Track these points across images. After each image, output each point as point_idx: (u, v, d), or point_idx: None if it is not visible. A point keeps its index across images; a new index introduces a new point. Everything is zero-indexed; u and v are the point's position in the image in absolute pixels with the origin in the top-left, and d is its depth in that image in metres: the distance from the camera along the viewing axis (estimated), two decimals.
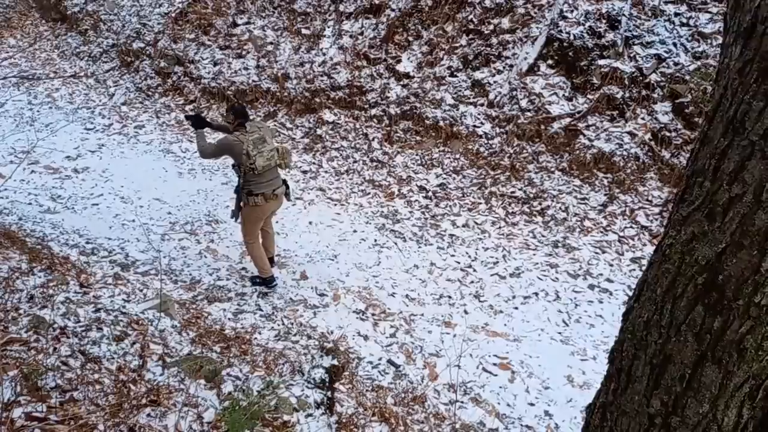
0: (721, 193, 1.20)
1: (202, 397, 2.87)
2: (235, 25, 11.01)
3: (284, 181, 6.15)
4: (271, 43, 10.58)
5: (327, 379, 3.29)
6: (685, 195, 1.31)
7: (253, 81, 10.28)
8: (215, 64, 10.69)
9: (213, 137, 7.86)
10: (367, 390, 5.01)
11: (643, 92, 7.71)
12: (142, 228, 7.31)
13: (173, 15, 11.52)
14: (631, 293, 4.69)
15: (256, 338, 5.25)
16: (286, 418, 2.81)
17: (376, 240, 7.47)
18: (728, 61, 1.21)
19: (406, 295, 6.57)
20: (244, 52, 10.66)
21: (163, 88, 10.97)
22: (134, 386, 2.79)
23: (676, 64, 7.69)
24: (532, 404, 5.35)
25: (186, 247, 7.00)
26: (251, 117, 6.11)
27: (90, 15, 13.12)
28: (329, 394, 3.23)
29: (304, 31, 10.45)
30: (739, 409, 1.23)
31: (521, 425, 5.12)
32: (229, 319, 5.65)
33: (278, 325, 5.78)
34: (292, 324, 5.85)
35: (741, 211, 1.17)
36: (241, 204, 5.95)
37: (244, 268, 6.68)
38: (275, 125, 9.82)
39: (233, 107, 6.00)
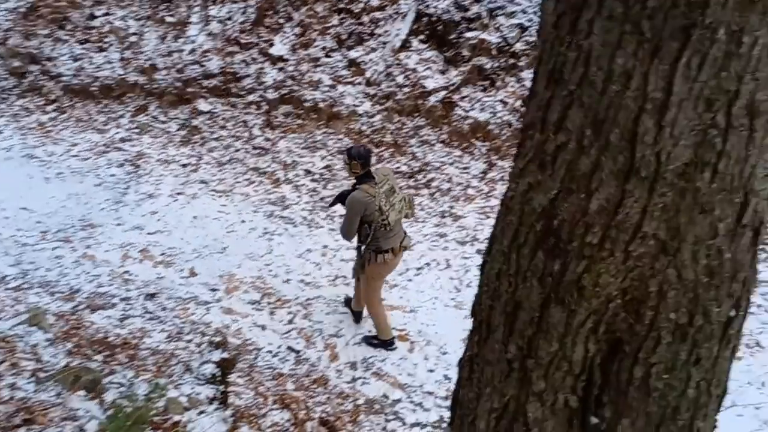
0: (549, 143, 1.27)
1: (83, 409, 2.72)
2: (93, 17, 10.33)
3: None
4: (135, 34, 10.03)
5: (218, 374, 3.21)
6: (521, 149, 1.37)
7: (119, 75, 9.72)
8: (75, 60, 10.00)
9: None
10: (266, 379, 4.95)
11: (511, 61, 8.04)
12: (10, 240, 6.78)
13: (22, 10, 10.64)
14: None
15: (144, 342, 5.03)
16: (176, 418, 2.72)
17: (265, 228, 7.35)
18: (545, 15, 1.27)
19: (302, 280, 6.53)
20: (106, 45, 10.05)
21: (19, 90, 10.13)
22: (3, 407, 2.58)
23: (537, 33, 8.06)
24: (431, 371, 5.51)
25: (61, 256, 6.55)
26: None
27: None
28: (222, 388, 3.16)
29: (168, 19, 9.99)
30: (585, 344, 1.32)
31: (423, 392, 5.27)
32: (114, 326, 5.37)
33: (169, 326, 5.57)
34: (183, 323, 5.65)
35: (567, 158, 1.24)
36: (367, 263, 5.26)
37: (127, 272, 6.36)
38: (147, 119, 9.36)
39: (356, 152, 5.07)
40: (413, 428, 5.00)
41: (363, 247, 5.22)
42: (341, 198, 5.22)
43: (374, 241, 5.11)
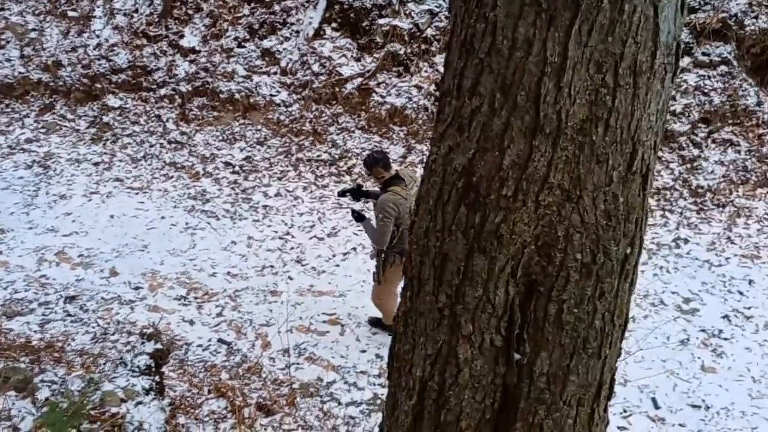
0: (465, 108, 1.40)
1: (15, 408, 2.65)
2: None
3: None
4: (34, 30, 9.54)
5: (153, 365, 3.21)
6: (440, 115, 1.50)
7: (20, 73, 9.24)
8: None
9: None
10: (199, 372, 4.94)
11: (423, 47, 8.26)
12: None
13: None
14: None
15: (70, 345, 4.89)
16: (114, 410, 2.71)
17: (187, 223, 7.24)
18: None
19: (228, 273, 6.50)
20: (3, 42, 9.50)
21: None
22: None
23: (447, 18, 8.30)
24: (363, 351, 5.64)
25: None
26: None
27: None
28: (157, 378, 3.16)
29: (70, 13, 9.57)
30: (505, 288, 1.47)
31: (356, 372, 5.40)
32: (35, 331, 5.19)
33: (93, 327, 5.43)
34: (108, 324, 5.52)
35: (481, 120, 1.38)
36: (388, 265, 5.05)
37: (43, 276, 6.13)
38: (54, 119, 8.96)
39: (373, 158, 4.85)
40: (348, 407, 5.12)
41: (385, 250, 4.98)
42: (356, 215, 5.04)
43: (400, 243, 4.86)
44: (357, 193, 5.34)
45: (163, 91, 8.92)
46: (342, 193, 5.44)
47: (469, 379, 1.54)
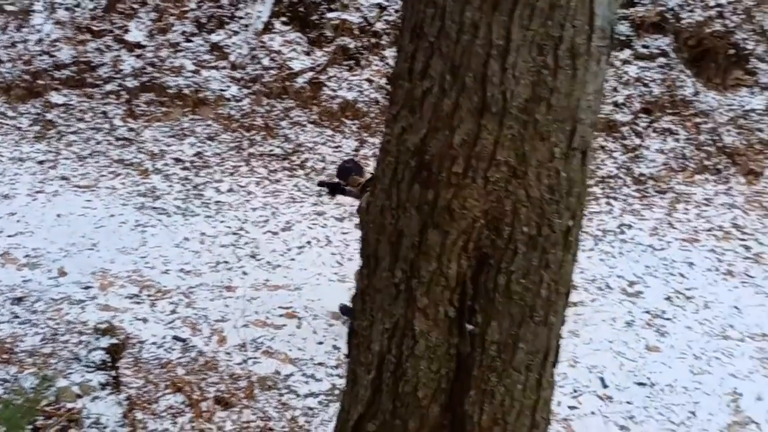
0: (417, 90, 1.48)
1: None
2: None
3: None
4: None
5: (108, 359, 3.18)
6: (393, 97, 1.57)
7: None
8: None
9: None
10: (154, 368, 4.89)
11: (373, 40, 8.33)
12: None
13: None
14: None
15: (18, 346, 4.77)
16: (70, 405, 2.68)
17: (137, 221, 7.12)
18: None
19: (181, 269, 6.42)
20: None
21: None
22: None
23: (396, 11, 8.39)
24: (320, 343, 5.68)
25: None
26: None
27: None
28: (113, 373, 3.13)
29: (8, 7, 9.24)
30: (458, 260, 1.55)
31: (314, 364, 5.43)
32: None
33: (42, 328, 5.30)
34: (58, 324, 5.39)
35: (432, 101, 1.45)
36: None
37: None
38: None
39: (347, 168, 4.90)
40: (307, 398, 5.15)
41: None
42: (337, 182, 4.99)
43: None
44: (335, 190, 5.38)
45: (108, 87, 8.72)
46: (321, 184, 5.48)
47: (425, 351, 1.61)
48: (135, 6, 9.12)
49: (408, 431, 1.68)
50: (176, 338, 5.54)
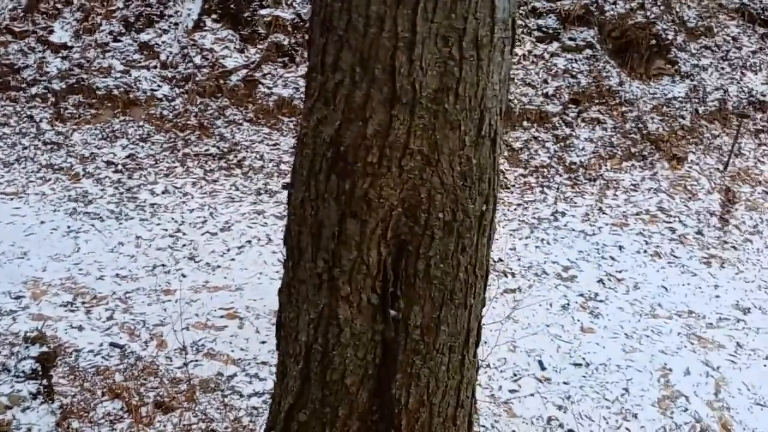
0: (329, 82, 1.51)
1: None
2: None
3: None
4: None
5: (39, 368, 3.09)
6: (308, 90, 1.59)
7: None
8: None
9: None
10: (91, 376, 4.76)
11: (306, 36, 8.28)
12: None
13: None
14: None
15: None
16: None
17: (69, 227, 6.90)
18: None
19: (117, 275, 6.26)
20: None
21: None
22: None
23: None
24: (263, 342, 5.64)
25: None
26: None
27: None
28: (45, 381, 3.04)
29: None
30: (377, 248, 1.59)
31: (257, 363, 5.39)
32: None
33: None
34: None
35: (344, 93, 1.49)
36: None
37: None
38: None
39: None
40: (251, 398, 5.12)
41: None
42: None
43: None
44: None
45: (34, 90, 8.40)
46: (285, 186, 5.44)
47: (351, 338, 1.65)
48: (59, 6, 8.80)
49: (338, 418, 1.71)
50: (113, 345, 5.40)
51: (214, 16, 8.50)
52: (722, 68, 8.79)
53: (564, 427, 4.90)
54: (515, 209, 7.66)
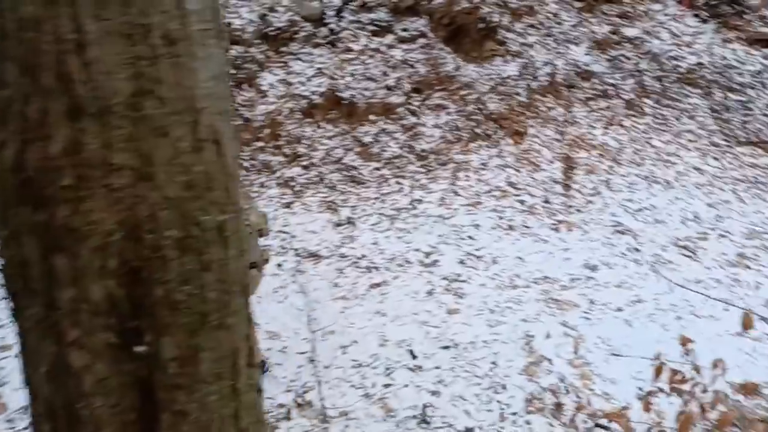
0: (1, 101, 1.29)
1: None
2: None
3: None
4: None
5: None
6: None
7: None
8: None
9: None
10: None
11: None
12: None
13: None
14: None
15: None
16: None
17: None
18: None
19: None
20: None
21: None
22: None
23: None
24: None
25: None
26: None
27: None
28: None
29: None
30: (100, 282, 1.39)
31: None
32: None
33: None
34: None
35: (17, 110, 1.28)
36: None
37: None
38: None
39: None
40: None
41: None
42: None
43: None
44: None
45: None
46: None
47: (95, 386, 1.44)
48: None
49: None
50: None
51: None
52: (548, 44, 9.27)
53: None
54: (373, 203, 7.67)
